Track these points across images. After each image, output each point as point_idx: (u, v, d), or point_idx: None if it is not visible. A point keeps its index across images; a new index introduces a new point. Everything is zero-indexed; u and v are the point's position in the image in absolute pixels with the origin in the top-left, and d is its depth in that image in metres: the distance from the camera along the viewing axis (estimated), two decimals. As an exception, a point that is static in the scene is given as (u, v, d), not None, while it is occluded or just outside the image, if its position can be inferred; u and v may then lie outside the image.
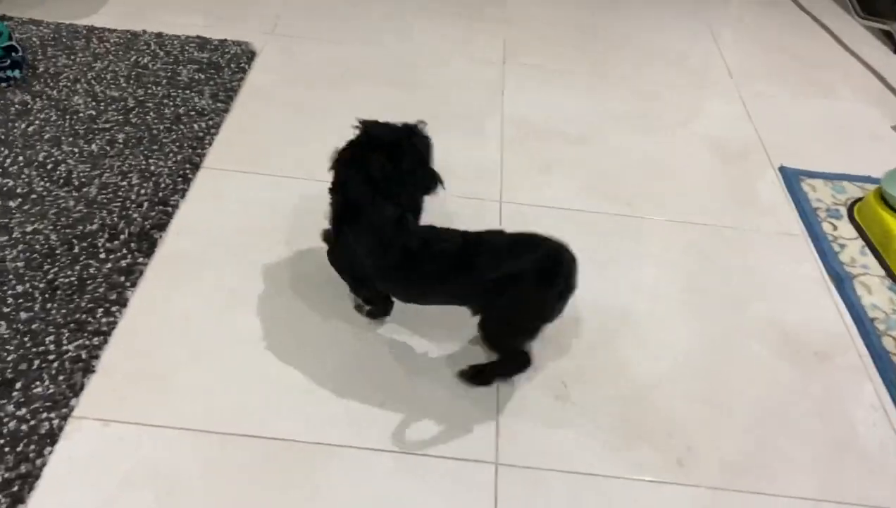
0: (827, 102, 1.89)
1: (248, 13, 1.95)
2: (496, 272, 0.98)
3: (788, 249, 1.43)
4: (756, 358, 1.21)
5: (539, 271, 0.98)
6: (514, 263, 0.99)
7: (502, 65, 1.88)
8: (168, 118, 1.52)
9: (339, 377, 1.09)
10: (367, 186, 1.02)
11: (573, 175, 1.54)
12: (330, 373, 1.10)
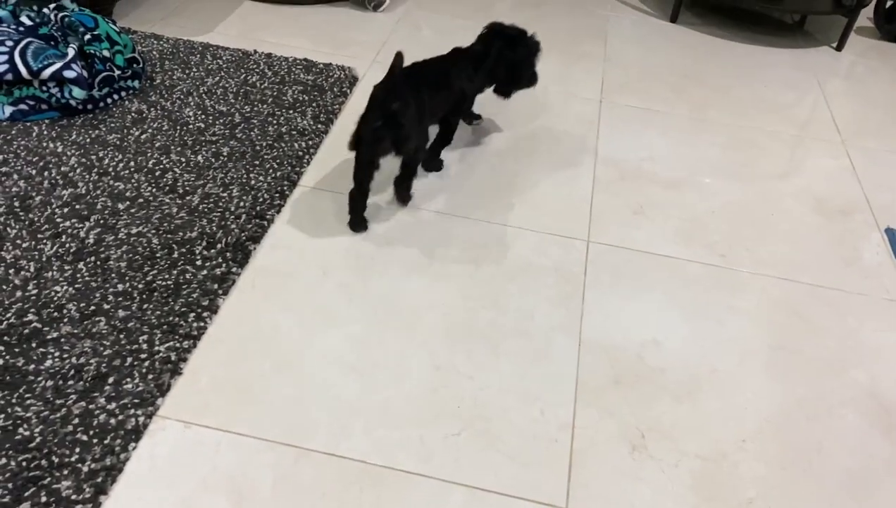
0: (942, 164, 1.80)
1: (355, 39, 2.01)
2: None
3: (891, 315, 1.35)
4: (850, 428, 1.14)
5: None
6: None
7: (599, 103, 1.87)
8: (271, 135, 1.58)
9: (418, 403, 1.09)
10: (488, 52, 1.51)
11: (665, 220, 1.51)
12: (409, 398, 1.10)
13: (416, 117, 1.34)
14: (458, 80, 1.47)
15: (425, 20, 2.16)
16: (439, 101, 1.44)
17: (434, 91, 1.40)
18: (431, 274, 1.32)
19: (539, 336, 1.22)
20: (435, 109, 1.44)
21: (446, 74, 1.45)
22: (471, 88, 1.53)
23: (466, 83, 1.50)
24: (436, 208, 1.47)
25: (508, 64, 1.53)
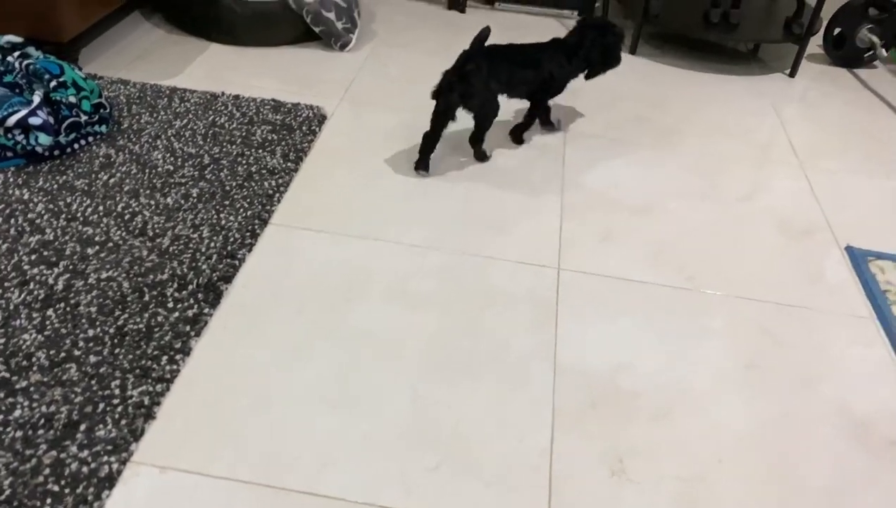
0: (895, 182, 1.86)
1: (322, 78, 2.03)
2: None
3: (856, 331, 1.39)
4: (823, 442, 1.16)
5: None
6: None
7: (564, 134, 1.91)
8: (240, 175, 1.59)
9: (397, 436, 1.09)
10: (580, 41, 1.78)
11: (634, 245, 1.54)
12: (388, 431, 1.10)
13: (484, 81, 1.62)
14: (548, 63, 1.75)
15: (392, 57, 2.20)
16: (523, 78, 1.73)
17: (518, 68, 1.71)
18: (407, 306, 1.32)
19: (515, 364, 1.23)
20: (516, 83, 1.73)
21: (537, 56, 1.74)
22: (561, 73, 1.79)
23: (556, 68, 1.76)
24: (409, 239, 1.48)
25: (601, 49, 1.79)
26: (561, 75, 1.79)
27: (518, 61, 1.71)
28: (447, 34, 2.39)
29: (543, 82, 1.77)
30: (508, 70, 1.69)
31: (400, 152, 1.75)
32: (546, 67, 1.74)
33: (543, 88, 1.80)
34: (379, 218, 1.54)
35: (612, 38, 1.80)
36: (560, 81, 1.81)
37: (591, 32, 1.78)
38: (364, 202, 1.58)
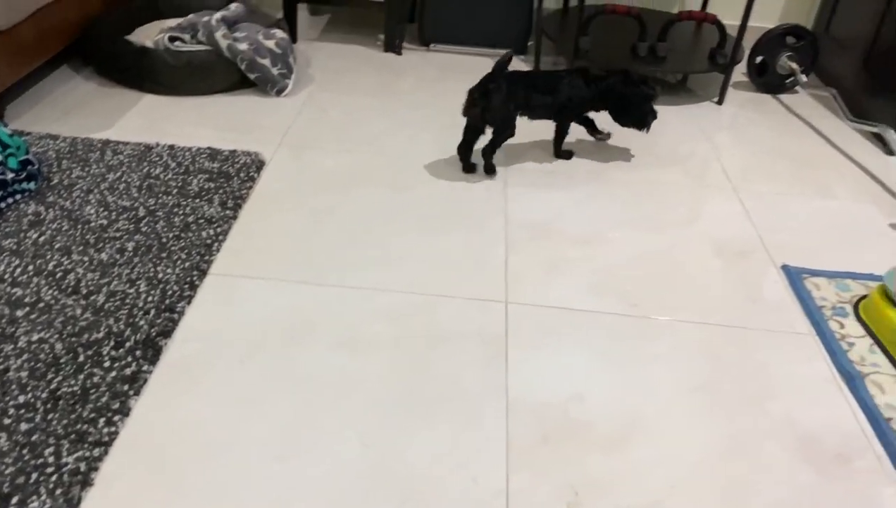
0: (824, 201, 1.93)
1: (259, 124, 2.02)
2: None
3: (797, 348, 1.42)
4: (774, 461, 1.17)
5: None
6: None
7: (505, 169, 1.93)
8: (177, 226, 1.55)
9: (350, 484, 1.06)
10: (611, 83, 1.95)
11: (579, 276, 1.55)
12: (341, 479, 1.07)
13: (504, 100, 1.80)
14: (567, 88, 1.90)
15: (330, 101, 2.20)
16: (542, 102, 1.89)
17: (536, 93, 1.88)
18: (355, 350, 1.30)
19: (466, 402, 1.22)
20: (535, 106, 1.89)
21: (556, 83, 1.90)
22: (577, 98, 1.92)
23: (575, 92, 1.91)
24: (354, 282, 1.46)
25: (617, 95, 1.92)
26: (577, 98, 1.93)
27: (537, 86, 1.89)
28: (384, 76, 2.41)
29: (563, 107, 1.93)
30: (526, 94, 1.86)
31: (341, 195, 1.75)
32: (564, 92, 1.90)
33: (562, 112, 1.96)
34: (322, 262, 1.52)
35: (633, 90, 1.92)
36: (577, 103, 1.95)
37: (619, 74, 1.92)
38: (306, 247, 1.56)
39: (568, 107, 1.94)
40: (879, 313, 1.45)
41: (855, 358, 1.40)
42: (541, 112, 1.94)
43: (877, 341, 1.44)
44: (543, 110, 1.93)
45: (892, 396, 1.31)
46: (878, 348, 1.43)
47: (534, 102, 1.88)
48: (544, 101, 1.89)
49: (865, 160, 2.16)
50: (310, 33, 2.70)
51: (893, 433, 1.24)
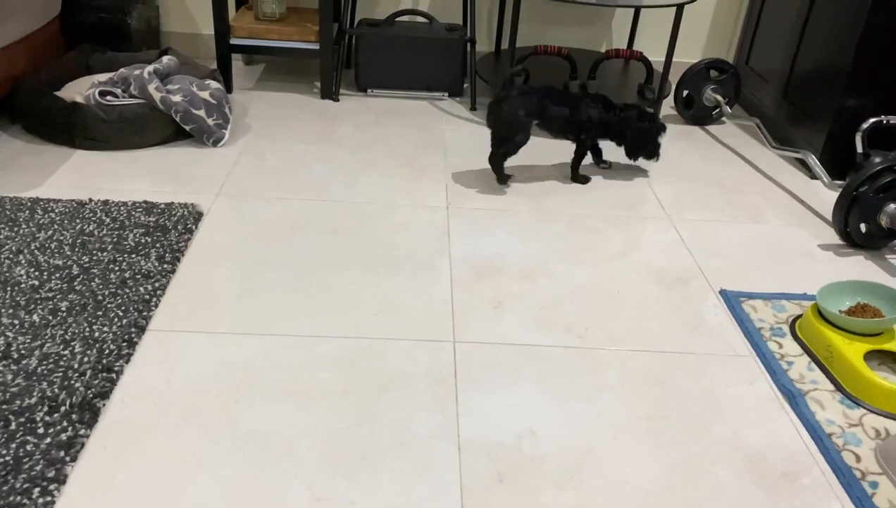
0: (755, 226, 2.00)
1: (197, 175, 2.00)
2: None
3: (739, 370, 1.45)
4: (723, 484, 1.19)
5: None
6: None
7: (447, 209, 1.95)
8: (113, 283, 1.51)
9: (297, 543, 1.03)
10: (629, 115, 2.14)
11: (524, 310, 1.56)
12: (286, 539, 1.03)
13: (513, 107, 1.98)
14: (586, 107, 2.06)
15: (268, 149, 2.19)
16: (558, 113, 2.04)
17: (552, 104, 2.03)
18: (300, 400, 1.28)
19: (418, 446, 1.20)
20: (550, 117, 2.05)
21: (577, 101, 2.06)
22: (598, 120, 2.07)
23: (595, 113, 2.06)
24: (298, 331, 1.44)
25: (635, 128, 2.11)
26: (598, 120, 2.07)
27: (552, 97, 2.03)
28: (322, 123, 2.41)
29: (582, 124, 2.07)
30: (540, 102, 2.00)
31: (283, 242, 1.73)
32: (584, 111, 2.05)
33: (580, 131, 2.08)
34: (265, 312, 1.50)
35: (644, 122, 2.11)
36: (597, 124, 2.08)
37: (637, 108, 2.11)
38: (248, 297, 1.53)
39: (588, 127, 2.08)
40: (814, 332, 1.50)
41: (795, 377, 1.44)
42: (558, 124, 2.08)
43: (814, 358, 1.49)
44: (561, 123, 2.07)
45: (831, 412, 1.35)
46: (815, 365, 1.47)
47: (549, 111, 2.03)
48: (561, 112, 2.04)
49: (792, 185, 2.26)
50: (245, 83, 2.70)
51: (836, 448, 1.27)
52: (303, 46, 2.53)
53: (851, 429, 1.32)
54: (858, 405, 1.37)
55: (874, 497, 1.18)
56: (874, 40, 2.06)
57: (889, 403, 1.36)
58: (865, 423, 1.33)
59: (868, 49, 2.07)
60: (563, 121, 2.06)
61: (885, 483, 1.21)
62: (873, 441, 1.29)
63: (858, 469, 1.23)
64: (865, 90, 2.12)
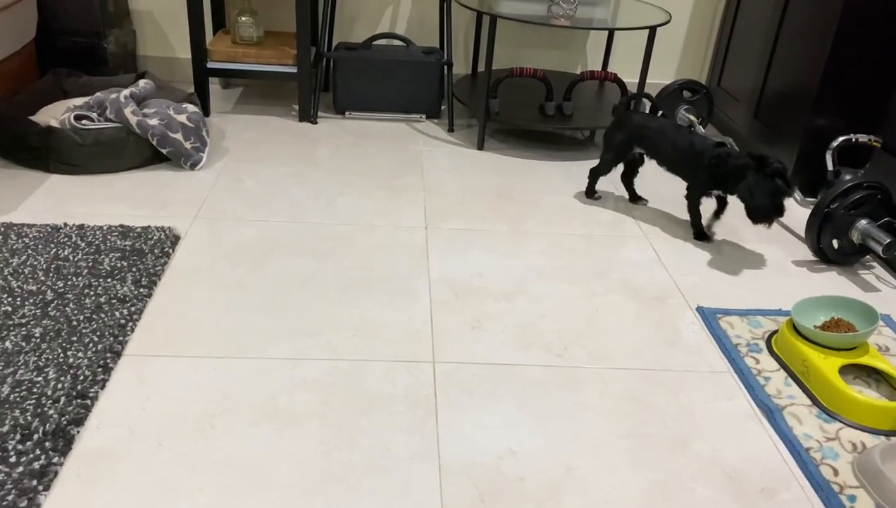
0: (732, 243, 2.02)
1: (173, 199, 1.98)
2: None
3: (717, 386, 1.46)
4: (703, 501, 1.19)
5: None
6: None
7: (425, 229, 1.95)
8: (88, 308, 1.49)
9: (275, 569, 1.01)
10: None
11: (503, 330, 1.56)
12: (264, 565, 1.02)
13: (612, 127, 2.13)
14: (694, 137, 1.96)
15: (246, 172, 2.19)
16: (666, 146, 2.01)
17: (652, 128, 2.04)
18: (278, 424, 1.27)
19: (398, 468, 1.20)
20: (651, 140, 2.04)
21: (686, 133, 1.99)
22: (699, 149, 1.94)
23: (699, 143, 1.95)
24: (276, 353, 1.43)
25: (722, 167, 1.89)
26: (699, 152, 1.94)
27: (651, 122, 2.05)
28: (300, 145, 2.42)
29: (688, 158, 1.97)
30: (641, 124, 2.05)
31: (260, 265, 1.72)
32: (689, 139, 1.96)
33: (685, 167, 2.00)
34: (243, 335, 1.49)
35: (741, 168, 1.84)
36: (699, 159, 1.94)
37: (741, 155, 1.89)
38: (226, 321, 1.52)
39: (690, 158, 1.96)
40: (790, 347, 1.52)
41: (772, 392, 1.45)
42: (657, 152, 2.05)
43: (790, 373, 1.50)
44: (659, 152, 2.04)
45: (809, 426, 1.36)
46: (791, 380, 1.49)
47: (647, 134, 2.04)
48: (660, 138, 2.01)
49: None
50: (223, 106, 2.70)
51: (813, 462, 1.28)
52: (280, 70, 2.54)
53: (829, 443, 1.33)
54: (835, 419, 1.39)
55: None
56: (841, 61, 2.11)
57: (865, 416, 1.37)
58: (842, 437, 1.35)
59: (835, 69, 2.12)
60: (661, 150, 2.04)
61: (863, 496, 1.22)
62: (850, 455, 1.31)
63: (836, 482, 1.24)
64: (834, 109, 2.17)
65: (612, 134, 2.13)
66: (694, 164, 1.95)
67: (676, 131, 2.01)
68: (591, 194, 2.21)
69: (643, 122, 2.07)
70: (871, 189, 1.88)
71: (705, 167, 1.92)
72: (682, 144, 1.97)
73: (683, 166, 2.00)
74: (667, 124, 2.04)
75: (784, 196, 1.81)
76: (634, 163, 2.17)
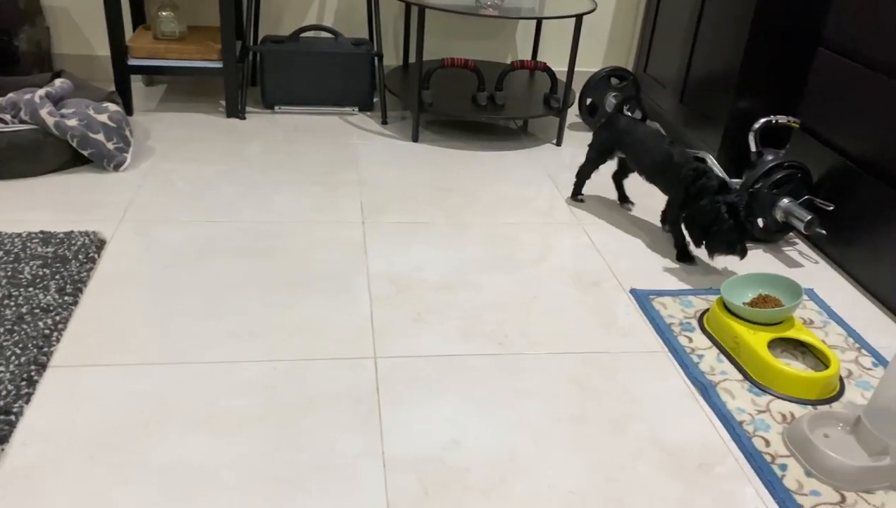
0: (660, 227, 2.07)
1: (99, 202, 1.91)
2: None
3: (654, 366, 1.50)
4: (644, 479, 1.22)
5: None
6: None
7: (363, 224, 1.93)
8: (9, 319, 1.42)
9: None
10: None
11: (444, 321, 1.56)
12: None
13: (598, 134, 2.09)
14: (674, 149, 1.89)
15: (174, 172, 2.12)
16: (645, 155, 1.95)
17: (631, 134, 1.99)
18: (218, 429, 1.24)
19: (343, 467, 1.18)
20: (628, 144, 2.00)
21: (666, 143, 1.91)
22: (677, 161, 1.86)
23: (676, 152, 1.88)
24: (213, 357, 1.40)
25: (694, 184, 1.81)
26: (677, 160, 1.87)
27: (637, 133, 1.98)
28: (230, 142, 2.36)
29: (662, 165, 1.90)
30: (626, 129, 2.01)
31: (193, 267, 1.68)
32: (668, 148, 1.89)
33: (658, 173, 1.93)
34: (177, 340, 1.44)
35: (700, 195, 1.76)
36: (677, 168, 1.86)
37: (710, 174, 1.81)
38: (159, 326, 1.47)
39: (669, 175, 1.88)
40: (721, 324, 1.57)
41: (705, 369, 1.49)
42: (636, 160, 2.00)
43: (722, 350, 1.55)
44: (638, 160, 1.99)
45: (741, 401, 1.41)
46: (723, 356, 1.53)
47: (628, 141, 1.99)
48: (640, 147, 1.96)
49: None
50: (146, 104, 2.61)
51: (746, 435, 1.33)
52: (205, 65, 2.47)
53: (760, 416, 1.38)
54: (765, 391, 1.44)
55: (784, 478, 1.24)
56: (760, 45, 2.18)
57: (793, 388, 1.43)
58: (773, 409, 1.40)
59: (755, 54, 2.19)
60: (635, 152, 2.00)
61: (793, 464, 1.27)
62: (780, 426, 1.36)
63: (768, 453, 1.29)
64: (755, 92, 2.24)
65: (598, 134, 2.09)
66: (671, 177, 1.87)
67: (657, 141, 1.93)
68: (575, 196, 2.17)
69: (628, 127, 2.01)
70: (791, 168, 1.95)
71: (681, 181, 1.84)
72: (660, 155, 1.89)
73: (661, 178, 1.92)
74: (650, 133, 1.97)
75: (739, 241, 1.73)
76: (624, 167, 2.12)
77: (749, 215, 1.72)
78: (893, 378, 1.23)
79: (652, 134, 1.96)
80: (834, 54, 1.97)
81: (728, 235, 1.72)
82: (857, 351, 1.59)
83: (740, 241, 1.73)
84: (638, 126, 2.00)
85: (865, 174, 1.84)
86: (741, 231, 1.72)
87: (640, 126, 2.00)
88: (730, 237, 1.72)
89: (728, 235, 1.72)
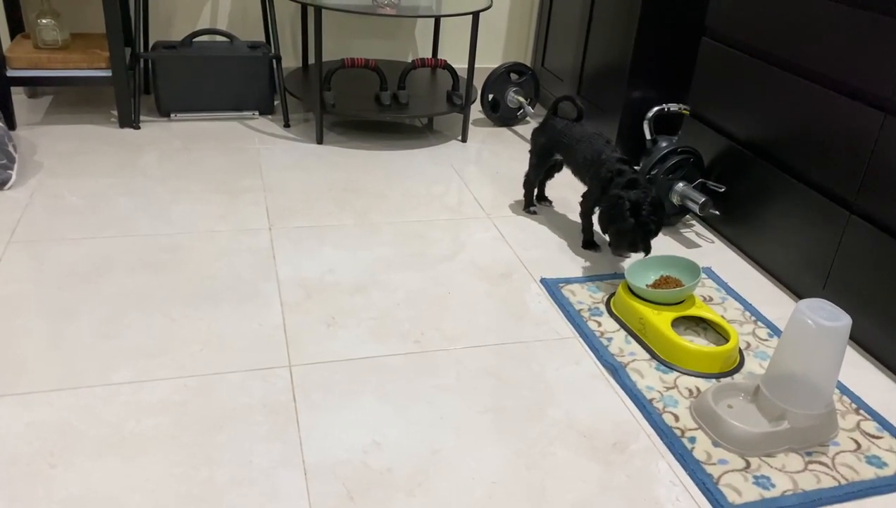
0: (567, 217, 2.13)
1: (-21, 224, 1.79)
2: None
3: (566, 352, 1.54)
4: (563, 463, 1.25)
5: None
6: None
7: (269, 230, 1.89)
8: None
9: None
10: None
11: (358, 324, 1.55)
12: None
13: (535, 138, 2.08)
14: (605, 148, 1.87)
15: (65, 187, 2.02)
16: (578, 155, 1.93)
17: (565, 134, 1.98)
18: (126, 453, 1.18)
19: (261, 480, 1.16)
20: (562, 142, 1.98)
21: (600, 144, 1.90)
22: (605, 157, 1.85)
23: (607, 151, 1.86)
24: (117, 379, 1.34)
25: (601, 183, 1.83)
26: (606, 160, 1.84)
27: (564, 128, 1.99)
28: (124, 153, 2.26)
29: (591, 162, 1.88)
30: (561, 130, 1.99)
31: (90, 286, 1.60)
32: (599, 146, 1.89)
33: (588, 171, 1.90)
34: (78, 363, 1.37)
35: (615, 187, 1.78)
36: (606, 167, 1.83)
37: (627, 175, 1.79)
38: (56, 350, 1.40)
39: (595, 162, 1.86)
40: (626, 307, 1.62)
41: (615, 351, 1.54)
42: (571, 161, 1.97)
43: (629, 331, 1.61)
44: (573, 161, 1.96)
45: (650, 379, 1.47)
46: (631, 338, 1.59)
47: (565, 142, 1.97)
48: (576, 147, 1.93)
49: (594, 174, 2.42)
50: (31, 117, 2.47)
51: (657, 411, 1.38)
52: (93, 74, 2.36)
53: (668, 392, 1.44)
54: (672, 369, 1.50)
55: (693, 450, 1.29)
56: (648, 36, 2.27)
57: (697, 363, 1.50)
58: (679, 385, 1.46)
59: (644, 45, 2.28)
60: (570, 150, 1.97)
61: (701, 436, 1.33)
62: (688, 401, 1.42)
63: (678, 427, 1.35)
64: (647, 82, 2.33)
65: (535, 137, 2.07)
66: (594, 172, 1.87)
67: (591, 142, 1.91)
68: (527, 207, 2.13)
69: (564, 129, 1.98)
70: (684, 154, 2.04)
71: (600, 178, 1.84)
72: (591, 154, 1.88)
73: (587, 172, 1.90)
74: (586, 134, 1.94)
75: (642, 240, 1.77)
76: (552, 168, 2.11)
77: (652, 215, 1.74)
78: (786, 348, 1.31)
79: (588, 134, 1.94)
80: (717, 43, 2.07)
81: (631, 234, 1.75)
82: (754, 324, 1.68)
83: (644, 240, 1.77)
84: (573, 127, 1.97)
85: (753, 156, 1.94)
86: (646, 231, 1.75)
87: (575, 127, 1.97)
88: (633, 237, 1.76)
89: (631, 234, 1.75)
